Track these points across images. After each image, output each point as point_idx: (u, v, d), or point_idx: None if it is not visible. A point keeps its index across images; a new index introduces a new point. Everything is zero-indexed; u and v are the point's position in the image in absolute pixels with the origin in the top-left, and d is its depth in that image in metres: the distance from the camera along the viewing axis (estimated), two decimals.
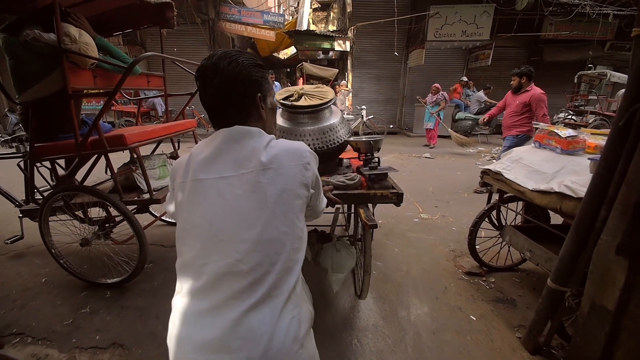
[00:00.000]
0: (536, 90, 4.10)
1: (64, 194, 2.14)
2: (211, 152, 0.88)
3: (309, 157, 0.94)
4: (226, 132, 0.90)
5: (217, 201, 0.83)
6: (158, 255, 2.83)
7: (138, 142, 2.08)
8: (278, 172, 0.85)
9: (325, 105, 2.10)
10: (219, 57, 0.87)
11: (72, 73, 1.87)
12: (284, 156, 0.88)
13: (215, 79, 0.86)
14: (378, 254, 2.77)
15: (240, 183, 0.84)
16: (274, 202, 0.83)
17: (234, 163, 0.86)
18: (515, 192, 2.09)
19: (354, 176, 1.94)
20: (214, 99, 0.89)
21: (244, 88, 0.89)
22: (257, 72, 0.91)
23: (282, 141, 0.94)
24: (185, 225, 0.87)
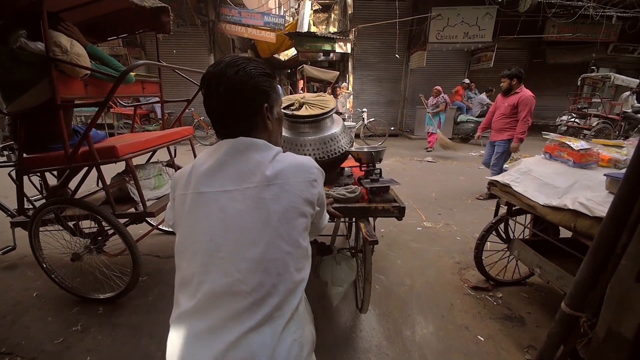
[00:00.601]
0: (526, 92, 4.03)
1: (54, 207, 2.05)
2: (214, 163, 0.84)
3: (317, 173, 0.90)
4: (230, 143, 0.86)
5: (218, 216, 0.80)
6: (153, 267, 2.74)
7: (131, 153, 1.99)
8: (283, 188, 0.82)
9: (326, 115, 2.04)
10: (226, 65, 0.83)
11: (62, 82, 1.79)
12: (290, 171, 0.85)
13: (221, 88, 0.82)
14: (380, 267, 2.68)
15: (243, 198, 0.80)
16: (278, 220, 0.80)
17: (238, 176, 0.83)
18: (525, 207, 2.00)
19: (354, 189, 1.87)
20: (219, 108, 0.85)
21: (251, 98, 0.85)
22: (265, 81, 0.87)
23: (289, 155, 0.90)
24: (184, 240, 0.84)
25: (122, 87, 2.03)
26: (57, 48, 1.71)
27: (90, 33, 2.68)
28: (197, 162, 0.88)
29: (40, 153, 2.02)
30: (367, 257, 1.80)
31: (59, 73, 1.76)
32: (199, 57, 10.48)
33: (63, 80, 1.80)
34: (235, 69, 0.83)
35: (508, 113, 4.13)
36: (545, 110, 11.99)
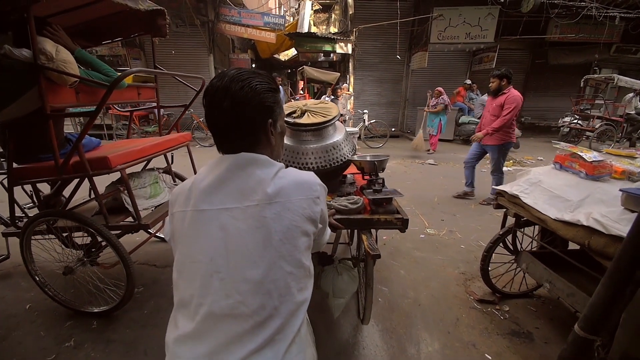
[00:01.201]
0: (514, 92, 3.95)
1: (45, 219, 1.98)
2: (214, 179, 0.82)
3: (319, 190, 0.89)
4: (232, 159, 0.84)
5: (219, 235, 0.78)
6: (150, 277, 2.67)
7: (124, 163, 1.92)
8: (285, 207, 0.80)
9: (328, 123, 1.99)
10: (230, 79, 0.81)
11: (51, 91, 1.71)
12: (292, 189, 0.83)
13: (225, 103, 0.80)
14: (383, 278, 2.60)
15: (244, 217, 0.79)
16: (279, 240, 0.78)
17: (239, 193, 0.81)
18: (535, 220, 1.93)
19: (357, 199, 1.83)
20: (222, 123, 0.84)
21: (255, 114, 0.84)
22: (270, 97, 0.86)
23: (291, 171, 0.88)
24: (184, 259, 0.82)
25: (115, 93, 1.96)
26: (42, 55, 1.62)
27: (84, 36, 2.61)
28: (197, 178, 0.86)
29: (31, 163, 1.94)
30: (369, 269, 1.77)
31: (47, 81, 1.67)
32: (198, 58, 10.38)
33: (52, 89, 1.71)
34: (241, 84, 0.81)
35: (497, 114, 4.05)
36: (547, 112, 11.92)
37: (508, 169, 6.49)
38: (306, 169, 1.90)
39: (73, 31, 2.53)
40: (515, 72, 11.61)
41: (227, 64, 11.72)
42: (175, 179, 2.93)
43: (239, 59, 11.92)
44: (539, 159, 7.42)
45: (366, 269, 1.91)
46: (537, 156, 7.70)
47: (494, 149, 4.17)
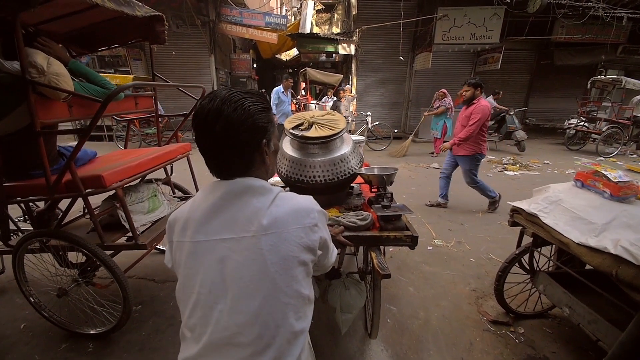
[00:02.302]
0: (482, 102, 3.85)
1: (37, 239, 1.87)
2: (209, 208, 0.82)
3: (317, 217, 0.87)
4: (226, 187, 0.83)
5: (216, 267, 0.79)
6: (148, 294, 2.56)
7: (120, 181, 1.81)
8: (280, 237, 0.80)
9: (336, 136, 1.92)
10: (222, 101, 0.79)
11: (42, 106, 1.60)
12: (288, 218, 0.82)
13: (217, 126, 0.78)
14: (391, 295, 2.50)
15: (240, 248, 0.79)
16: (276, 272, 0.78)
17: (234, 223, 0.80)
18: (556, 242, 1.81)
19: (365, 215, 1.77)
20: (214, 146, 0.81)
21: (249, 136, 0.82)
22: (263, 117, 0.84)
23: (288, 198, 0.86)
24: (184, 289, 0.84)
25: (112, 105, 1.84)
26: (33, 69, 1.51)
27: (79, 43, 2.50)
28: (193, 205, 0.86)
29: (22, 180, 1.83)
30: (377, 287, 1.74)
31: (37, 96, 1.57)
32: (199, 59, 10.26)
33: (43, 104, 1.61)
34: (233, 106, 0.79)
35: (467, 124, 3.94)
36: (552, 113, 11.78)
37: (515, 173, 6.39)
38: (313, 182, 1.86)
39: (67, 37, 2.44)
40: (520, 73, 11.54)
41: (229, 64, 11.60)
42: (175, 190, 2.83)
43: (240, 59, 11.81)
44: (545, 163, 7.30)
45: (374, 286, 1.85)
46: (543, 159, 7.57)
47: (464, 160, 4.08)
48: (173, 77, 10.34)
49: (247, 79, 12.08)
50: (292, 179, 1.94)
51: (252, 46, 13.16)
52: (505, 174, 6.38)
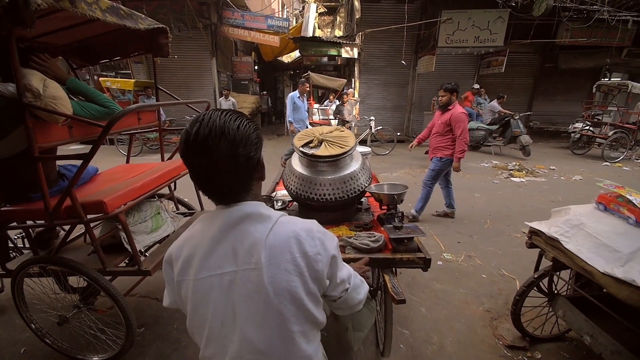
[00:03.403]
0: (457, 109, 3.79)
1: (35, 265, 1.79)
2: (209, 243, 0.81)
3: (319, 246, 0.82)
4: (224, 218, 0.82)
5: (224, 301, 0.79)
6: (151, 315, 2.48)
7: (122, 205, 1.73)
8: (280, 268, 0.77)
9: (346, 154, 1.89)
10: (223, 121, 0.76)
11: (40, 129, 1.52)
12: (288, 247, 0.79)
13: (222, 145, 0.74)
14: (403, 316, 2.41)
15: (243, 281, 0.78)
16: (280, 303, 0.77)
17: (235, 255, 0.79)
18: (579, 269, 1.73)
19: (378, 237, 1.71)
20: (214, 170, 0.77)
21: (251, 154, 0.80)
22: (257, 133, 0.82)
23: (287, 225, 0.83)
24: (196, 324, 0.84)
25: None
26: (28, 92, 1.43)
27: (79, 55, 2.42)
28: (191, 242, 0.84)
29: (21, 203, 1.75)
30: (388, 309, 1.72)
31: (35, 119, 1.49)
32: (200, 62, 10.19)
33: (41, 127, 1.53)
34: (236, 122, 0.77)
35: (441, 131, 3.91)
36: (556, 116, 11.70)
37: (521, 179, 6.30)
38: (323, 200, 1.83)
39: (67, 50, 2.36)
40: (524, 76, 11.47)
41: (230, 67, 11.53)
42: (178, 205, 2.75)
43: (242, 61, 11.74)
44: (551, 168, 7.20)
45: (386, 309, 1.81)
46: (549, 165, 7.48)
47: (435, 161, 4.04)
48: (175, 81, 10.28)
49: (248, 81, 12.01)
50: (302, 196, 1.90)
51: (254, 48, 13.08)
52: (512, 180, 6.29)
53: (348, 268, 0.98)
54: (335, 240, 0.90)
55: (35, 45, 2.14)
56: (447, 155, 3.92)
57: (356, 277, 1.01)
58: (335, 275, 0.89)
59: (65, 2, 1.40)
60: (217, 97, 10.28)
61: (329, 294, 0.92)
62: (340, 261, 0.92)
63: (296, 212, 2.14)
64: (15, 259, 2.34)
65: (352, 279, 0.98)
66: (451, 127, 3.79)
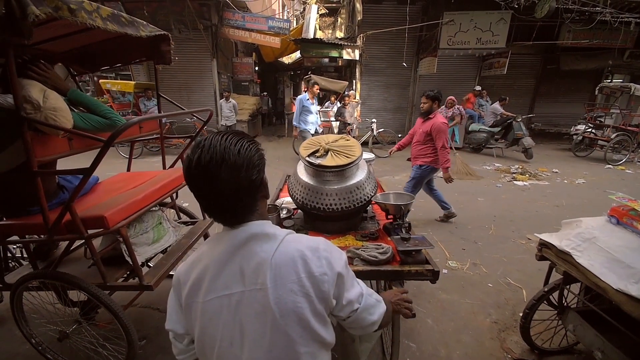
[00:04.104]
0: (438, 118, 3.75)
1: (34, 280, 1.75)
2: (216, 265, 0.81)
3: (325, 265, 0.82)
4: (230, 238, 0.82)
5: (232, 321, 0.79)
6: (153, 325, 2.44)
7: (124, 220, 1.69)
8: (287, 289, 0.77)
9: (353, 164, 1.86)
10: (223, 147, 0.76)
11: (39, 142, 1.48)
12: (294, 268, 0.79)
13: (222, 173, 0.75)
14: (409, 328, 2.37)
15: (249, 302, 0.78)
16: (286, 325, 0.76)
17: (242, 276, 0.79)
18: (592, 285, 1.68)
19: (386, 249, 1.68)
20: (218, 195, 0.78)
21: (254, 175, 0.80)
22: (260, 153, 0.83)
23: (292, 244, 0.82)
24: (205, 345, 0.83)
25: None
26: (27, 104, 1.38)
27: (79, 62, 2.38)
28: (199, 264, 0.84)
29: (19, 217, 1.70)
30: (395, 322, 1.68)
31: (34, 133, 1.44)
32: (201, 63, 10.15)
33: (40, 139, 1.48)
34: (236, 148, 0.76)
35: (422, 140, 3.87)
36: (558, 118, 11.66)
37: (524, 183, 6.26)
38: (329, 210, 1.81)
39: (67, 57, 2.31)
40: (525, 77, 11.43)
41: (231, 68, 11.48)
42: (180, 214, 2.70)
43: (243, 62, 11.70)
44: (554, 171, 7.16)
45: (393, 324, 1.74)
46: (551, 168, 7.44)
47: (415, 169, 4.01)
48: (175, 83, 10.24)
49: (249, 82, 11.97)
50: (307, 206, 1.88)
51: (255, 49, 13.03)
52: (515, 184, 6.25)
53: (360, 287, 0.94)
54: (343, 257, 0.89)
55: (34, 53, 2.10)
56: (427, 162, 3.90)
57: (370, 297, 0.96)
58: (342, 295, 0.87)
59: (64, 12, 1.36)
60: (218, 98, 10.24)
61: (336, 314, 0.90)
62: (350, 280, 0.90)
63: (301, 220, 2.11)
64: (14, 269, 2.31)
65: (364, 299, 0.93)
66: (432, 137, 3.77)
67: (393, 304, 1.16)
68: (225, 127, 8.93)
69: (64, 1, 1.35)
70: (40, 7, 1.24)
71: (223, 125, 8.89)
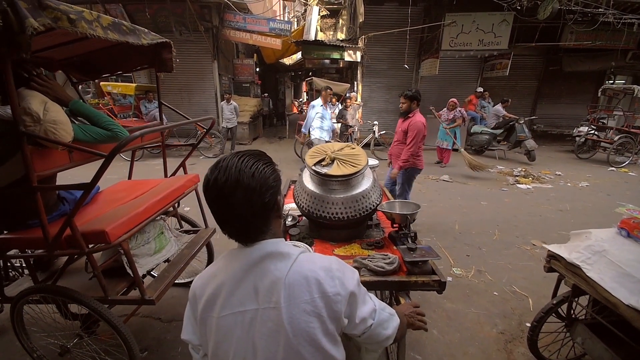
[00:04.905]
0: (417, 117, 3.70)
1: (34, 295, 1.72)
2: (232, 282, 0.83)
3: (338, 285, 0.83)
4: (245, 256, 0.84)
5: (245, 338, 0.80)
6: (154, 336, 2.40)
7: (126, 233, 1.65)
8: (300, 309, 0.78)
9: (359, 173, 1.87)
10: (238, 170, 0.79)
11: (38, 155, 1.45)
12: (308, 287, 0.80)
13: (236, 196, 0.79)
14: (414, 340, 2.33)
15: (263, 320, 0.79)
16: (299, 344, 0.77)
17: (256, 294, 0.81)
18: (602, 299, 1.65)
19: (392, 259, 1.67)
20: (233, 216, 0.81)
21: (268, 199, 0.83)
22: (276, 176, 0.86)
23: (305, 264, 0.84)
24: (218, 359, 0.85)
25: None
26: (27, 116, 1.35)
27: (80, 70, 2.35)
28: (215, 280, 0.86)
29: (19, 230, 1.67)
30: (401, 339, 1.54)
31: (34, 145, 1.41)
32: (202, 65, 10.13)
33: (39, 153, 1.45)
34: (249, 172, 0.79)
35: (401, 139, 3.82)
36: (560, 119, 11.61)
37: (528, 186, 6.21)
38: (335, 219, 1.81)
39: (67, 64, 2.28)
40: (528, 79, 11.37)
41: (232, 69, 11.46)
42: (182, 222, 2.67)
43: (244, 64, 11.67)
44: (557, 174, 7.12)
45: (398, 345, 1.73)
46: (554, 170, 7.40)
47: (402, 174, 3.92)
48: (176, 84, 10.22)
49: (250, 84, 11.94)
50: (313, 214, 1.87)
51: (256, 50, 13.00)
52: (518, 187, 6.20)
53: (372, 302, 0.96)
54: (355, 276, 0.90)
55: (33, 60, 2.07)
56: (412, 165, 3.83)
57: (383, 312, 0.98)
58: (355, 314, 0.88)
59: (64, 22, 1.33)
60: (219, 100, 10.21)
61: (349, 332, 0.91)
62: (362, 297, 0.91)
63: (306, 227, 2.09)
64: (15, 278, 2.28)
65: (377, 314, 0.95)
66: (407, 134, 3.71)
67: (407, 316, 1.19)
68: (226, 129, 8.89)
69: (64, 11, 1.33)
70: (38, 18, 1.21)
71: (224, 127, 8.85)
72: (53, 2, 1.29)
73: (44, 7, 1.25)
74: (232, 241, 0.89)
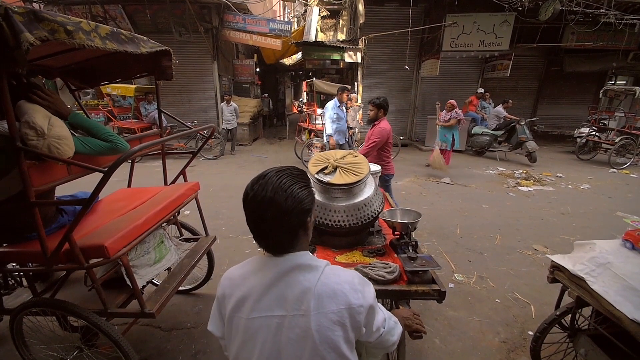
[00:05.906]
0: (382, 124, 3.72)
1: (33, 308, 1.70)
2: (262, 287, 0.89)
3: (361, 298, 0.89)
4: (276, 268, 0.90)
5: (270, 342, 0.85)
6: (153, 346, 2.38)
7: (125, 247, 1.63)
8: (327, 317, 0.84)
9: (361, 182, 1.88)
10: (274, 191, 0.85)
11: (36, 169, 1.43)
12: (335, 299, 0.86)
13: (269, 213, 0.86)
14: (417, 350, 2.32)
15: (291, 326, 0.85)
16: (324, 350, 0.83)
17: (285, 301, 0.87)
18: (606, 312, 1.63)
19: (393, 268, 1.69)
20: (266, 230, 0.89)
21: (299, 220, 0.89)
22: (310, 200, 0.91)
23: (332, 276, 0.91)
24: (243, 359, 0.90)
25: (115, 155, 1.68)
26: (31, 130, 1.34)
27: (78, 77, 2.33)
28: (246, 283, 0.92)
29: (17, 244, 1.66)
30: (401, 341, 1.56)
31: (33, 160, 1.39)
32: (202, 66, 10.10)
33: (38, 168, 1.43)
34: (284, 195, 0.85)
35: None
36: (561, 120, 11.58)
37: (529, 189, 6.19)
38: (337, 226, 1.84)
39: (65, 71, 2.26)
40: (529, 79, 11.33)
41: (231, 70, 11.42)
42: (182, 230, 2.65)
43: (244, 64, 11.64)
44: (558, 176, 7.10)
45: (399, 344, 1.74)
46: (555, 172, 7.38)
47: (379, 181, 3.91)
48: (176, 85, 10.16)
49: (250, 84, 11.91)
50: (315, 221, 1.85)
51: (255, 51, 12.97)
52: (519, 189, 6.18)
53: (382, 312, 1.03)
54: (372, 290, 0.96)
55: (31, 69, 2.05)
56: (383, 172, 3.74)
57: (390, 319, 1.06)
58: (372, 324, 0.95)
59: (61, 34, 1.31)
60: (219, 101, 10.19)
61: (365, 340, 0.97)
62: (377, 308, 0.98)
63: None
64: (14, 287, 2.26)
65: (387, 323, 1.03)
66: None
67: (405, 319, 1.27)
68: (226, 130, 8.86)
69: (61, 23, 1.31)
70: (35, 31, 1.19)
71: (224, 128, 8.83)
72: (50, 14, 1.27)
73: (40, 19, 1.23)
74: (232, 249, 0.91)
